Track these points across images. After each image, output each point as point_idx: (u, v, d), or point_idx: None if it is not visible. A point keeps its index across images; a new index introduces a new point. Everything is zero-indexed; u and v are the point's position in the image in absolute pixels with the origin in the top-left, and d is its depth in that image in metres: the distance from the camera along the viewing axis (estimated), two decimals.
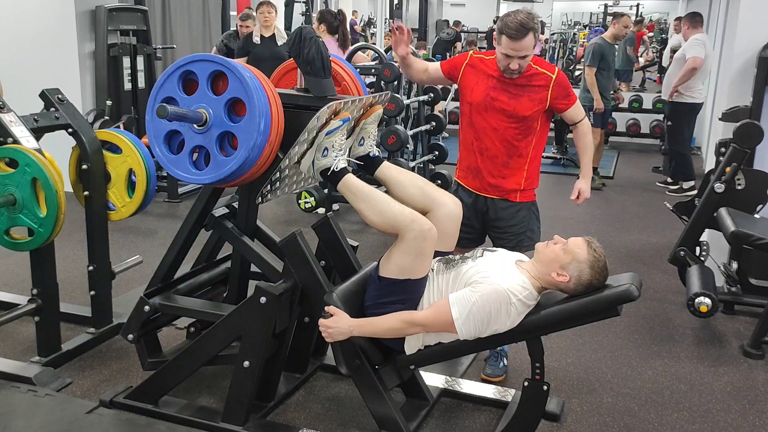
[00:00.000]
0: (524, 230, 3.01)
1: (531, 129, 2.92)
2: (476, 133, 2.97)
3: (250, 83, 2.30)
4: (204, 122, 2.36)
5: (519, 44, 2.74)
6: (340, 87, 2.77)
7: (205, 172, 2.41)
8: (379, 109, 2.62)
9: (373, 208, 2.37)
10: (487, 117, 2.92)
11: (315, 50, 2.52)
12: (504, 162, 2.94)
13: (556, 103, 2.90)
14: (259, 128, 2.30)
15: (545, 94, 2.87)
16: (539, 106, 2.88)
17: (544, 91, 2.87)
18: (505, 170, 2.95)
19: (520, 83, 2.87)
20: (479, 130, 2.95)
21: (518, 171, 2.96)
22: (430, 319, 2.29)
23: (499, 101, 2.88)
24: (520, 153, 2.94)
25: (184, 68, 2.40)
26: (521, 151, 2.94)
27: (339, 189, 2.43)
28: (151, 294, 2.72)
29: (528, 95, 2.87)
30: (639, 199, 6.55)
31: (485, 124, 2.93)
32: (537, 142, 2.96)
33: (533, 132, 2.93)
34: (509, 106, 2.87)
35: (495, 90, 2.89)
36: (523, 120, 2.88)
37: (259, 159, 2.37)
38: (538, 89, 2.87)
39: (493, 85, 2.90)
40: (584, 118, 3.02)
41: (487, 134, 2.93)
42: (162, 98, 2.42)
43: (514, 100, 2.87)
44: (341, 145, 2.43)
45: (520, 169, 2.96)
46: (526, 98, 2.87)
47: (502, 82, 2.89)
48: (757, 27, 4.12)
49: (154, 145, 2.45)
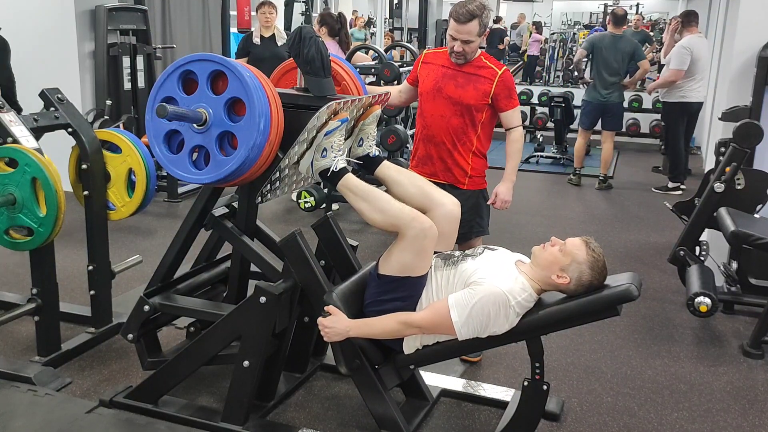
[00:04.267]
0: (474, 217, 3.18)
1: (475, 119, 3.10)
2: (425, 120, 3.17)
3: (249, 83, 2.30)
4: (204, 122, 2.36)
5: (462, 27, 2.96)
6: (340, 87, 2.77)
7: (204, 171, 2.41)
8: (377, 109, 2.63)
9: (373, 207, 2.37)
10: (435, 105, 3.12)
11: (315, 50, 2.52)
12: (449, 149, 3.12)
13: (498, 101, 3.08)
14: (259, 128, 2.30)
15: (489, 87, 3.06)
16: (483, 99, 3.06)
17: (488, 84, 3.06)
18: (450, 157, 3.13)
19: (468, 72, 3.08)
20: (428, 117, 3.16)
21: (464, 158, 3.13)
22: (428, 321, 2.29)
23: (446, 90, 3.09)
24: (464, 141, 3.12)
25: (184, 68, 2.39)
26: (465, 140, 3.12)
27: (338, 189, 2.44)
28: (150, 294, 2.72)
29: (473, 85, 3.07)
30: (639, 199, 6.54)
31: (433, 111, 3.13)
32: (482, 133, 3.14)
33: (477, 123, 3.11)
34: (455, 94, 3.07)
35: (444, 79, 3.10)
36: (467, 108, 3.07)
37: (259, 159, 2.37)
38: (484, 81, 3.06)
39: (442, 74, 3.11)
40: (519, 126, 3.18)
41: (435, 121, 3.13)
42: (162, 98, 2.41)
43: (461, 88, 3.07)
44: (340, 146, 2.43)
45: (465, 158, 3.13)
46: (471, 87, 3.06)
47: (452, 71, 3.10)
48: (757, 27, 4.12)
49: (154, 145, 2.45)
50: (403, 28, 15.13)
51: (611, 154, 6.81)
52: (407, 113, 5.91)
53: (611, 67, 6.48)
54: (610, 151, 6.75)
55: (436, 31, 13.93)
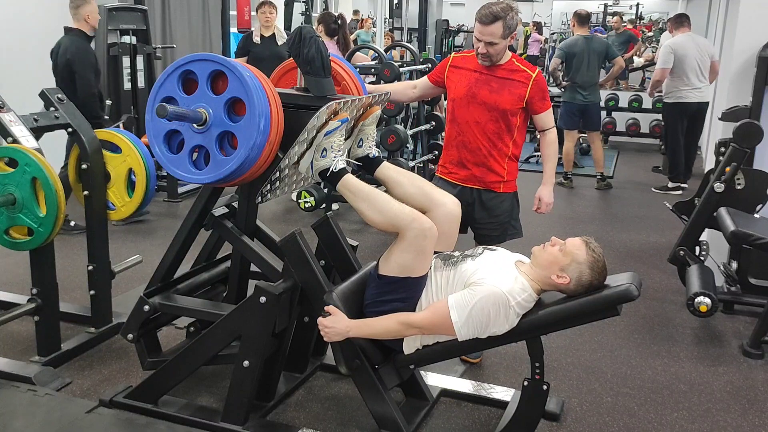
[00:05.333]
0: (509, 219, 3.15)
1: (510, 124, 3.05)
2: (459, 127, 3.11)
3: (249, 83, 2.30)
4: (204, 122, 2.36)
5: (485, 29, 2.91)
6: (340, 87, 2.77)
7: (204, 171, 2.40)
8: (377, 110, 2.62)
9: (373, 207, 2.37)
10: (469, 111, 3.06)
11: (315, 50, 2.52)
12: (485, 155, 3.07)
13: (532, 104, 3.03)
14: (259, 128, 2.30)
15: (524, 91, 3.01)
16: (518, 103, 3.01)
17: (523, 87, 3.01)
18: (486, 162, 3.07)
19: (501, 76, 3.02)
20: (462, 124, 3.09)
21: (499, 163, 3.08)
22: (428, 321, 2.29)
23: (480, 95, 3.03)
24: (500, 146, 3.07)
25: (184, 68, 2.39)
26: (501, 145, 3.07)
27: (338, 189, 2.43)
28: (150, 294, 2.72)
29: (508, 89, 3.01)
30: (639, 199, 6.55)
31: (468, 118, 3.06)
32: (517, 136, 3.10)
33: (513, 127, 3.06)
34: (490, 99, 3.01)
35: (477, 84, 3.04)
36: (503, 113, 3.02)
37: (259, 159, 2.37)
38: (518, 85, 3.01)
39: (475, 80, 3.05)
40: (553, 127, 3.15)
41: (470, 127, 3.07)
42: (162, 98, 2.41)
43: (495, 93, 3.01)
44: (340, 146, 2.43)
45: (501, 162, 3.08)
46: (506, 92, 3.01)
47: (485, 76, 3.04)
48: (757, 27, 4.12)
49: (154, 145, 2.45)
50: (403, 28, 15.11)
51: (602, 151, 6.98)
52: (407, 113, 5.91)
53: (589, 69, 6.65)
54: (600, 149, 6.94)
55: (436, 31, 13.92)
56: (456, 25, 14.67)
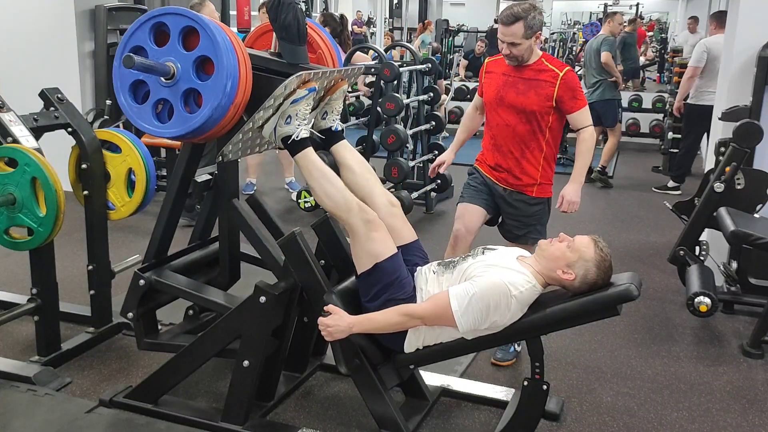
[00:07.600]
0: (535, 223, 3.15)
1: (542, 124, 3.02)
2: (492, 131, 3.13)
3: (221, 43, 2.27)
4: (171, 76, 2.33)
5: (506, 29, 2.94)
6: (315, 55, 2.73)
7: (167, 125, 2.38)
8: (344, 84, 2.60)
9: (323, 189, 2.40)
10: (499, 114, 3.07)
11: (292, 16, 2.48)
12: (517, 158, 3.06)
13: (562, 103, 2.99)
14: (225, 90, 2.27)
15: (551, 90, 2.97)
16: (547, 103, 2.97)
17: (550, 87, 2.97)
18: (519, 165, 3.06)
19: (528, 77, 3.01)
20: (494, 127, 3.11)
21: (533, 166, 3.07)
22: (429, 311, 2.30)
23: (507, 98, 3.02)
24: (533, 148, 3.04)
25: (157, 19, 2.35)
26: (534, 146, 3.04)
27: (296, 160, 2.44)
28: (145, 269, 2.71)
29: (535, 90, 2.98)
30: (639, 198, 6.55)
31: (499, 120, 3.08)
32: (550, 137, 3.07)
33: (545, 128, 3.03)
34: (517, 101, 3.00)
35: (505, 87, 3.04)
36: (532, 115, 2.99)
37: (223, 119, 2.35)
38: (545, 84, 2.97)
39: (503, 82, 3.05)
40: (589, 125, 3.09)
41: (501, 131, 3.08)
42: (132, 46, 2.37)
43: (522, 95, 2.99)
44: (305, 115, 2.41)
45: (534, 165, 3.07)
46: (533, 93, 2.98)
47: (513, 78, 3.03)
48: (757, 27, 4.11)
49: (119, 93, 2.42)
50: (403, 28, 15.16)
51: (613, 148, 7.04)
52: (407, 113, 5.90)
53: (589, 67, 6.88)
54: (612, 145, 7.00)
55: (436, 31, 13.94)
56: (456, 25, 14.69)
